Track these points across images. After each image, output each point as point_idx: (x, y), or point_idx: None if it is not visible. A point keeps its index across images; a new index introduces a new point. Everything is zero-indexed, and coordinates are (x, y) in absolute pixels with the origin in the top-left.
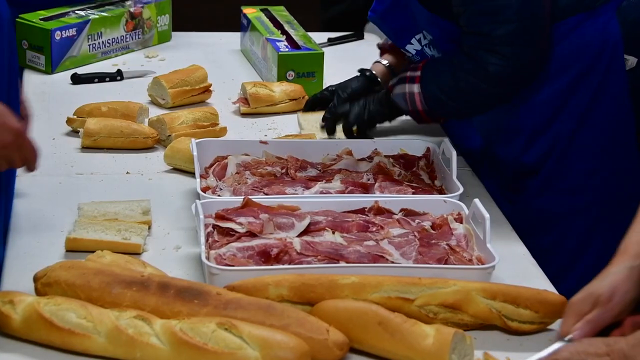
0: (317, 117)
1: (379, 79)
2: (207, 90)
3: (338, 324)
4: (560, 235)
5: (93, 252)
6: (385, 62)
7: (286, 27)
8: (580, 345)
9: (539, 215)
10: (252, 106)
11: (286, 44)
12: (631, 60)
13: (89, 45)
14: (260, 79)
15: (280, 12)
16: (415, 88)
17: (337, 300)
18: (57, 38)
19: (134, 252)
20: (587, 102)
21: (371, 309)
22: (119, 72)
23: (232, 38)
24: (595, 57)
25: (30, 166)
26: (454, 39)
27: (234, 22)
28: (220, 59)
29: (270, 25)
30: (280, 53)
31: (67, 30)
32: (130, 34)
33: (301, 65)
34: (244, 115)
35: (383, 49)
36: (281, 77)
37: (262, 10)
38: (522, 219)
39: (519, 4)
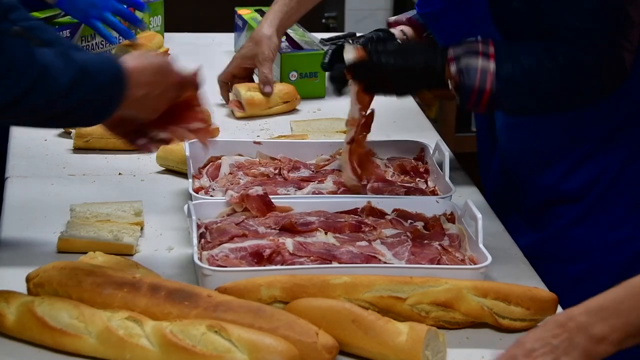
0: (309, 122)
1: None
2: None
3: (311, 322)
4: (595, 267)
5: (85, 253)
6: (399, 30)
7: None
8: (538, 332)
9: (572, 246)
10: (247, 111)
11: (287, 44)
12: None
13: (83, 46)
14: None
15: None
16: (491, 66)
17: (311, 299)
18: None
19: (127, 253)
20: None
21: (344, 307)
22: None
23: (225, 39)
24: None
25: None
26: None
27: (225, 23)
28: (213, 60)
29: None
30: (283, 54)
31: (60, 32)
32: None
33: (304, 66)
34: (238, 118)
35: (397, 23)
36: (284, 78)
37: (256, 10)
38: (550, 247)
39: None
